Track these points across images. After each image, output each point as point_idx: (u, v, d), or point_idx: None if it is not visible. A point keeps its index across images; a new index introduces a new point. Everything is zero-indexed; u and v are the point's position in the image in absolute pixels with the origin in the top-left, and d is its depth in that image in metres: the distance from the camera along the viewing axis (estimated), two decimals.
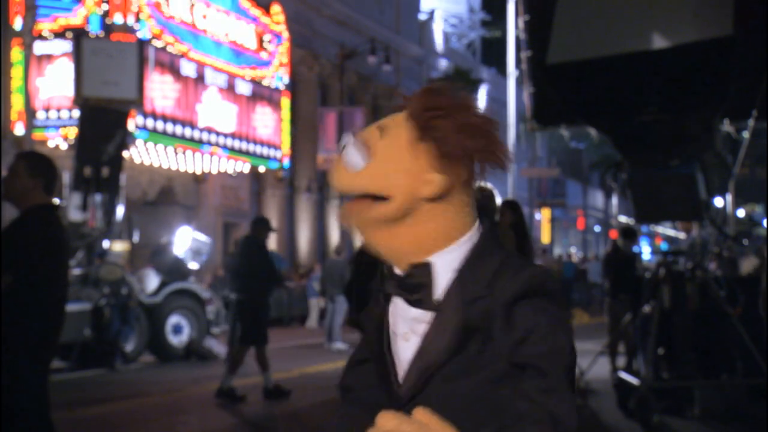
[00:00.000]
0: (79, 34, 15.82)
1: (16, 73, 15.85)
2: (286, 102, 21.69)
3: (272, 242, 24.18)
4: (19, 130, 15.42)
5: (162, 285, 12.47)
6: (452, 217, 1.43)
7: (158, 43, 17.04)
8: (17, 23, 15.55)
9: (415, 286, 1.41)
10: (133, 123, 15.50)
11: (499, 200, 6.30)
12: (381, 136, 1.42)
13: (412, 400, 1.39)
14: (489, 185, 6.25)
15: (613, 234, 32.12)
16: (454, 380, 1.38)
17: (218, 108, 18.90)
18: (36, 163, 4.02)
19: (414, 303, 1.42)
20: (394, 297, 1.46)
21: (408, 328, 1.44)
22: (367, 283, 1.57)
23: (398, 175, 1.41)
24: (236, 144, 19.52)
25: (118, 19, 16.34)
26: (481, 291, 1.38)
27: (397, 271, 1.44)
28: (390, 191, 1.40)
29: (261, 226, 8.84)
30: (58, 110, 16.16)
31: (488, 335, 1.37)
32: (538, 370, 1.32)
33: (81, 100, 14.37)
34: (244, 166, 20.63)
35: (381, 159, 1.41)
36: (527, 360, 1.33)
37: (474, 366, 1.38)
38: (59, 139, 16.09)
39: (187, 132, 17.85)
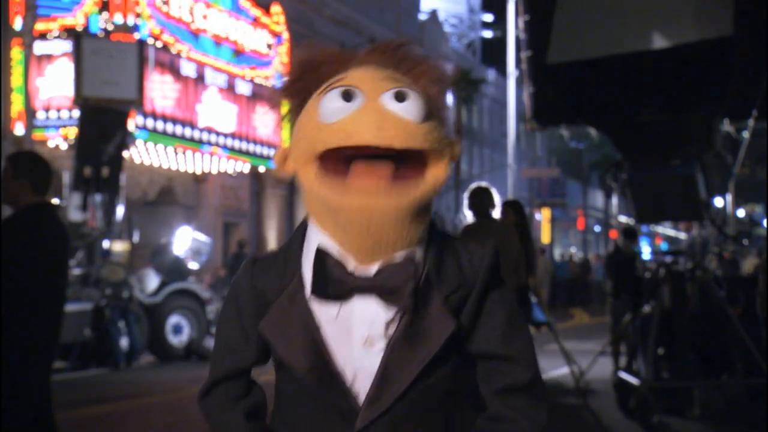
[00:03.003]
0: (79, 34, 15.82)
1: (16, 73, 15.84)
2: (286, 102, 21.65)
3: (272, 242, 24.19)
4: (19, 130, 15.42)
5: (162, 285, 12.46)
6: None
7: (158, 43, 17.04)
8: (17, 23, 15.54)
9: (395, 285, 1.25)
10: (133, 123, 15.49)
11: (497, 199, 6.32)
12: (414, 93, 1.28)
13: (390, 410, 1.28)
14: (485, 183, 6.26)
15: (613, 234, 32.10)
16: (423, 379, 1.29)
17: (218, 108, 18.90)
18: (20, 164, 3.92)
19: (389, 303, 1.27)
20: (349, 298, 1.29)
21: (373, 332, 1.29)
22: None
23: (448, 130, 1.31)
24: (236, 144, 19.51)
25: (118, 19, 16.34)
26: (455, 283, 1.32)
27: (359, 269, 1.28)
28: (445, 146, 1.28)
29: None
30: (58, 110, 16.15)
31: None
32: (521, 374, 1.34)
33: (81, 100, 14.36)
34: (244, 166, 20.62)
35: (434, 112, 1.29)
36: (504, 354, 1.34)
37: (442, 358, 1.31)
38: (59, 139, 16.09)
39: (187, 132, 17.84)
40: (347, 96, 1.24)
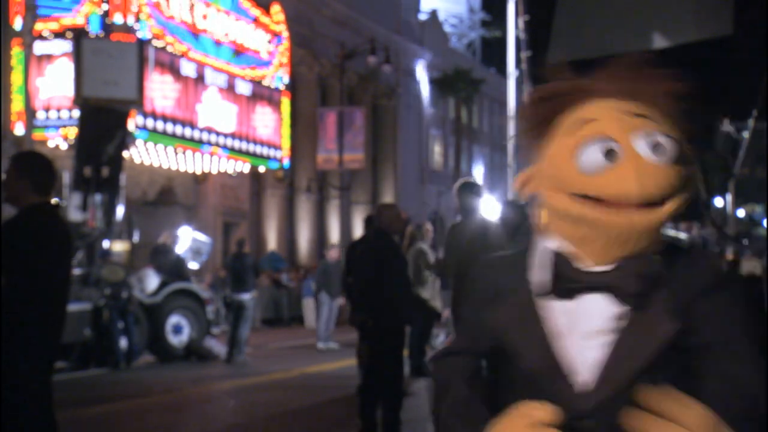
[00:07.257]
0: (79, 34, 15.84)
1: (16, 73, 15.85)
2: (286, 102, 21.69)
3: (272, 242, 24.19)
4: (19, 130, 15.43)
5: (162, 285, 12.47)
6: None
7: (158, 43, 17.04)
8: (17, 23, 15.55)
9: (625, 283, 1.36)
10: (133, 123, 15.51)
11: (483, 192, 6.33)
12: (666, 138, 1.36)
13: (614, 401, 1.33)
14: (471, 178, 6.28)
15: None
16: (645, 374, 1.36)
17: (218, 108, 18.91)
18: (22, 164, 3.91)
19: (617, 300, 1.37)
20: (580, 295, 1.40)
21: (599, 326, 1.39)
22: (360, 280, 1.50)
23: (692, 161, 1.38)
24: (236, 144, 19.52)
25: (118, 19, 16.35)
26: (681, 286, 1.39)
27: (591, 268, 1.39)
28: (686, 188, 1.37)
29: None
30: (58, 110, 16.16)
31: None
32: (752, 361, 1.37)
33: (81, 100, 14.38)
34: (244, 166, 20.64)
35: (684, 148, 1.37)
36: (738, 347, 1.37)
37: (665, 356, 1.37)
38: (59, 139, 16.10)
39: (187, 132, 17.85)
40: (609, 155, 1.34)
